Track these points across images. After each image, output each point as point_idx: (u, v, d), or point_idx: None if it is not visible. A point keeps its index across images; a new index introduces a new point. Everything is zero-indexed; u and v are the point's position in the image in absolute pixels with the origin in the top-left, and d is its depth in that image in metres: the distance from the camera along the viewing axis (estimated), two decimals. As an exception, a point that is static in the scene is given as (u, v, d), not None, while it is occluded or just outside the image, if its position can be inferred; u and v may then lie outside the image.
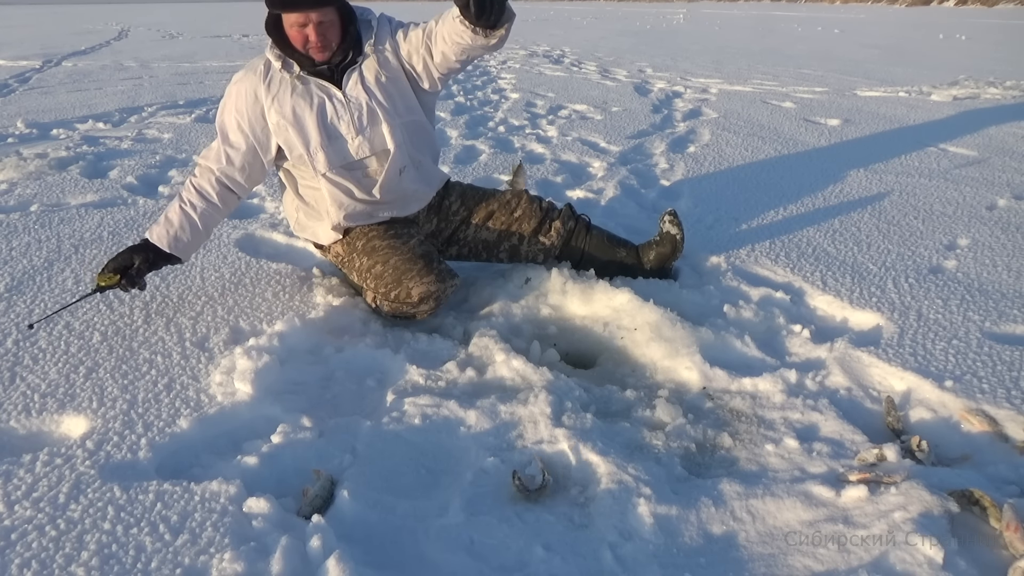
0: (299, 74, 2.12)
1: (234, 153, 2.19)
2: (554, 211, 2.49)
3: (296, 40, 2.06)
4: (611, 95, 6.68)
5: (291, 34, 2.06)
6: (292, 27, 2.04)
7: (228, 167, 2.20)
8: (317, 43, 2.04)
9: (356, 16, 2.15)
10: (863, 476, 1.49)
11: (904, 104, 6.11)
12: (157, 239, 2.15)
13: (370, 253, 2.25)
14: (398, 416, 1.78)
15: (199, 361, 1.98)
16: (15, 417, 1.74)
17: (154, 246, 2.15)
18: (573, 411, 1.78)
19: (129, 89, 7.07)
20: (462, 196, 2.49)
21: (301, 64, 2.11)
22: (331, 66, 2.12)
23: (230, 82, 2.21)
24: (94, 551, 1.32)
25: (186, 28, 17.89)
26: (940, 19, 22.89)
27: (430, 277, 2.16)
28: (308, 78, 2.13)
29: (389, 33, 2.20)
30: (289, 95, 2.12)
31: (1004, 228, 2.99)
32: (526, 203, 2.47)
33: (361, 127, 2.16)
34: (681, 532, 1.42)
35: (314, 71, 2.12)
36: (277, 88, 2.12)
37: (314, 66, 2.11)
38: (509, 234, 2.45)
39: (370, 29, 2.18)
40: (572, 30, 17.17)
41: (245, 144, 2.18)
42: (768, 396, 1.88)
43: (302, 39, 2.05)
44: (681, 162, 4.14)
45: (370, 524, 1.45)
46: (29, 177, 3.77)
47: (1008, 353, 1.99)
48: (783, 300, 2.37)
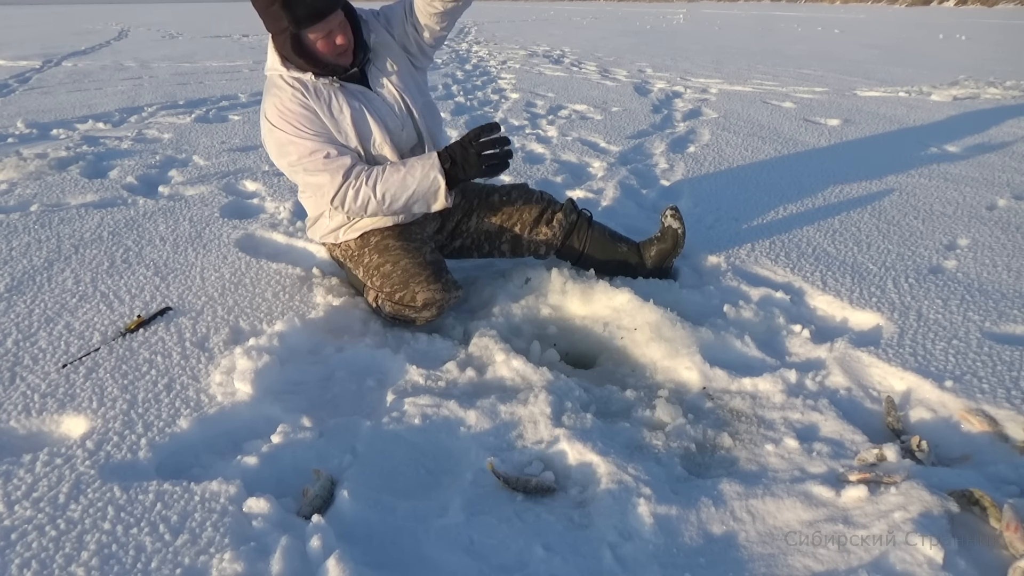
0: (335, 79, 2.10)
1: (344, 156, 2.07)
2: (555, 203, 2.50)
3: (326, 50, 2.02)
4: (611, 95, 6.68)
5: (320, 47, 2.01)
6: (318, 40, 1.99)
7: (356, 160, 2.08)
8: (344, 44, 2.03)
9: (357, 14, 2.15)
10: (863, 476, 1.49)
11: (904, 104, 6.11)
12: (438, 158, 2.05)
13: (382, 251, 2.25)
14: (398, 416, 1.78)
15: (199, 361, 1.98)
16: (15, 417, 1.74)
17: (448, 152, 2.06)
18: (573, 411, 1.78)
19: (129, 89, 7.07)
20: (463, 189, 2.50)
21: (331, 75, 2.09)
22: (358, 66, 2.13)
23: (269, 120, 2.08)
24: (94, 551, 1.32)
25: (186, 28, 17.89)
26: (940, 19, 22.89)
27: (437, 285, 2.17)
28: (345, 83, 2.12)
29: (380, 24, 2.21)
30: (341, 97, 2.09)
31: (1004, 228, 2.99)
32: (526, 193, 2.49)
33: (404, 120, 2.20)
34: (681, 532, 1.42)
35: (344, 77, 2.12)
36: (327, 96, 2.08)
37: (342, 73, 2.10)
38: (511, 223, 2.45)
39: (366, 24, 2.18)
40: (572, 30, 17.16)
41: (347, 148, 2.10)
42: (768, 396, 1.88)
43: (331, 47, 2.01)
44: (681, 162, 4.14)
45: (370, 524, 1.45)
46: (29, 177, 3.77)
47: (1008, 353, 1.99)
48: (783, 300, 2.37)
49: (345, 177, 2.06)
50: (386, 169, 2.07)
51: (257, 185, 3.68)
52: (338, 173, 2.05)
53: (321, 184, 2.08)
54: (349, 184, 2.06)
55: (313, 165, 2.06)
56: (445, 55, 10.82)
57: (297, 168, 2.10)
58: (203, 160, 4.22)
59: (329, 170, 2.06)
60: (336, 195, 2.07)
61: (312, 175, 2.08)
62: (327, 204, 2.21)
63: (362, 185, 2.06)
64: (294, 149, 2.07)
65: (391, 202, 2.08)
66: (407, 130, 2.23)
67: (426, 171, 2.05)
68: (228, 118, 5.61)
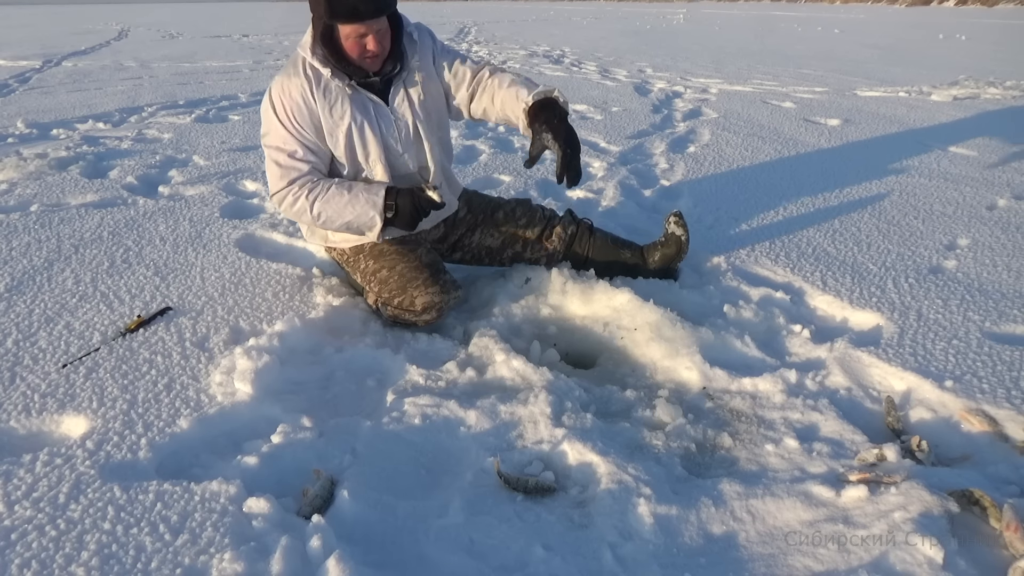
0: (351, 83, 2.07)
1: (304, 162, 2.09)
2: (555, 217, 2.51)
3: (353, 51, 1.99)
4: (611, 95, 6.68)
5: (347, 45, 1.98)
6: (350, 38, 1.97)
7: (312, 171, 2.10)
8: (375, 52, 1.99)
9: (403, 25, 2.11)
10: (863, 476, 1.49)
11: (904, 104, 6.11)
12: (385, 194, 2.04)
13: (377, 257, 2.25)
14: (398, 416, 1.78)
15: (199, 361, 1.98)
16: (15, 417, 1.74)
17: (399, 189, 2.06)
18: (573, 411, 1.78)
19: (129, 89, 7.07)
20: (468, 203, 2.50)
21: (351, 75, 2.06)
22: (382, 77, 2.09)
23: (270, 95, 2.09)
24: (94, 551, 1.32)
25: (186, 28, 17.89)
26: (940, 19, 22.89)
27: (435, 287, 2.16)
28: (360, 89, 2.09)
29: (434, 52, 2.18)
30: (347, 105, 2.06)
31: (1004, 228, 2.99)
32: (530, 211, 2.49)
33: (407, 145, 2.17)
34: (681, 532, 1.42)
35: (363, 83, 2.08)
36: (334, 98, 2.06)
37: (364, 77, 2.07)
38: (513, 242, 2.47)
39: (413, 43, 2.14)
40: (572, 30, 17.16)
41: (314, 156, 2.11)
42: (768, 396, 1.88)
43: (360, 49, 1.99)
44: (681, 162, 4.14)
45: (370, 524, 1.45)
46: (29, 177, 3.77)
47: (1008, 353, 1.99)
48: (783, 300, 2.37)
49: (290, 182, 2.08)
50: (331, 189, 2.06)
51: (257, 185, 3.68)
52: (287, 174, 2.08)
53: (270, 175, 2.12)
54: (290, 190, 2.08)
55: (274, 154, 2.08)
56: (445, 55, 10.79)
57: (265, 148, 2.12)
58: (203, 160, 4.22)
59: (282, 167, 2.08)
60: (276, 194, 2.11)
61: (268, 162, 2.12)
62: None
63: (302, 196, 2.07)
64: (272, 130, 2.09)
65: (324, 222, 2.10)
66: (408, 156, 2.18)
67: (366, 208, 2.04)
68: (228, 118, 5.61)
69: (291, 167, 2.08)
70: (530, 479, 1.55)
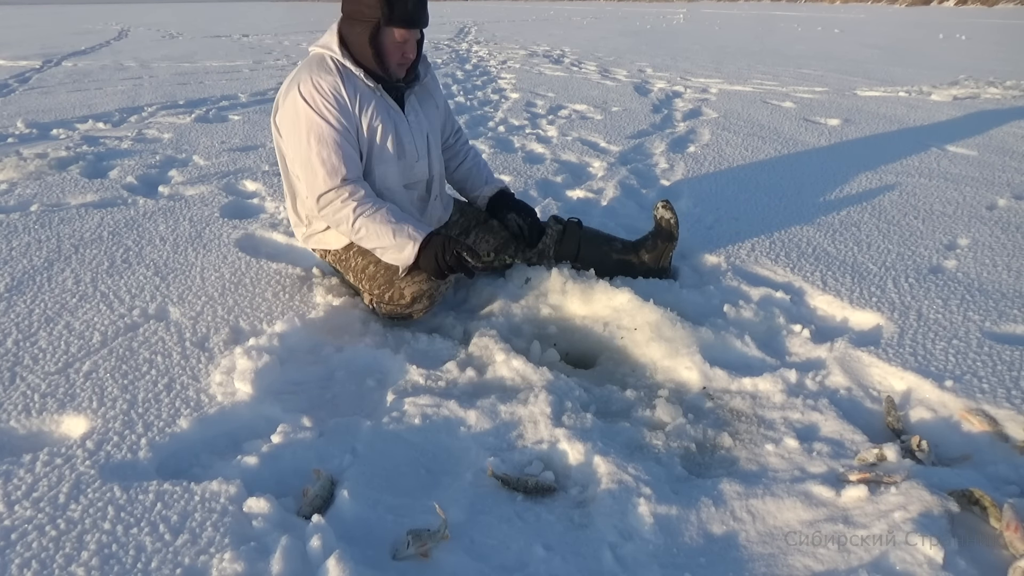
0: (379, 86, 2.13)
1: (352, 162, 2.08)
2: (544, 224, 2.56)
3: (393, 54, 2.06)
4: (611, 95, 6.68)
5: (390, 48, 2.05)
6: (396, 43, 2.04)
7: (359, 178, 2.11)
8: (411, 59, 2.10)
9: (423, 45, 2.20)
10: (863, 476, 1.49)
11: (904, 104, 6.11)
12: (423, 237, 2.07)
13: (365, 253, 2.26)
14: (398, 416, 1.78)
15: (199, 361, 1.98)
16: (15, 417, 1.74)
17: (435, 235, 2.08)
18: (573, 411, 1.78)
19: (129, 89, 7.07)
20: (461, 209, 2.57)
21: (378, 79, 2.12)
22: (406, 83, 2.17)
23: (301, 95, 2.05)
24: (94, 551, 1.31)
25: (186, 28, 17.89)
26: (940, 19, 22.89)
27: (421, 276, 2.17)
28: (385, 94, 2.15)
29: (435, 76, 2.35)
30: (374, 105, 2.12)
31: (1004, 228, 2.99)
32: None
33: (422, 154, 2.25)
34: (681, 532, 1.42)
35: (387, 87, 2.15)
36: (365, 97, 2.10)
37: (388, 82, 2.13)
38: (504, 246, 2.51)
39: (427, 63, 2.27)
40: (572, 30, 17.16)
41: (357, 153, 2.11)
42: (768, 396, 1.88)
43: (399, 54, 2.07)
44: (681, 162, 4.14)
45: (370, 524, 1.45)
46: (29, 177, 3.77)
47: (1008, 353, 1.99)
48: (783, 300, 2.37)
49: (343, 181, 2.05)
50: (380, 212, 2.06)
51: (257, 185, 3.68)
52: (337, 172, 2.04)
53: (314, 174, 2.05)
54: (340, 194, 2.05)
55: (321, 151, 2.03)
56: (445, 55, 10.82)
57: (308, 147, 2.03)
58: (203, 160, 4.22)
59: (330, 165, 2.03)
60: (325, 193, 2.06)
61: (311, 161, 2.04)
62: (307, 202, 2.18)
63: (351, 205, 2.05)
64: (313, 128, 2.03)
65: (360, 239, 2.12)
66: (420, 165, 2.25)
67: (406, 244, 2.06)
68: (228, 118, 5.61)
69: (339, 167, 2.05)
70: (530, 479, 1.55)
